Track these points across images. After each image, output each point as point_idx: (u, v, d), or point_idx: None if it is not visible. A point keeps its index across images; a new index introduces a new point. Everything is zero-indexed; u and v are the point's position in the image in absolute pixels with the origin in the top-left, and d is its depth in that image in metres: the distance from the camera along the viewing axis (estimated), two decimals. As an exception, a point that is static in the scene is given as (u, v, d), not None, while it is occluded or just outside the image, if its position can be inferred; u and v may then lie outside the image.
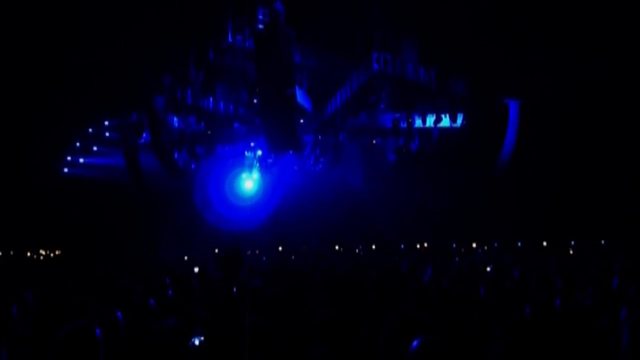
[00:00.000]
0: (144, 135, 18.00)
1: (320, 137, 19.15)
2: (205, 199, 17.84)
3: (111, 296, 5.00)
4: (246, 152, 18.37)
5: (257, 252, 18.41)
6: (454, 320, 4.16)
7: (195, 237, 17.91)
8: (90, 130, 19.59)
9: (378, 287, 5.52)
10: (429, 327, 2.75)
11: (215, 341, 3.71)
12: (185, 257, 15.59)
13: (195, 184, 18.37)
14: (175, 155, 18.53)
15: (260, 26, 16.58)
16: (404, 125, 17.75)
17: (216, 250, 14.83)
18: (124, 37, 15.46)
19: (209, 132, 19.08)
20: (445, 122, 17.18)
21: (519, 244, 17.73)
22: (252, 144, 18.46)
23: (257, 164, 18.20)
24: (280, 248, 19.28)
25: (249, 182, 17.88)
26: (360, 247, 19.79)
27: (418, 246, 19.17)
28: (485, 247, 18.06)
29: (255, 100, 18.08)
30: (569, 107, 15.32)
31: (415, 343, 2.32)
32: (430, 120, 17.34)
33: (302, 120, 17.77)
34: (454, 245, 18.40)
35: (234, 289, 6.03)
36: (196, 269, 8.84)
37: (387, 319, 2.79)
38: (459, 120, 17.06)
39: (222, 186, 18.16)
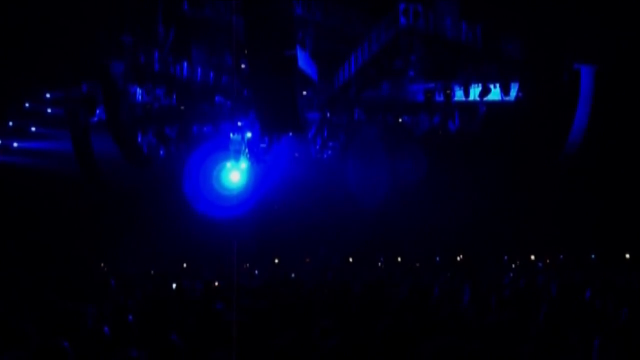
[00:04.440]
0: (98, 111, 18.09)
1: (329, 114, 19.17)
2: (177, 194, 17.94)
3: (56, 322, 5.08)
4: (232, 135, 18.42)
5: (246, 265, 18.51)
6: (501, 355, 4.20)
7: (164, 244, 18.03)
8: (27, 105, 19.71)
9: (403, 310, 5.57)
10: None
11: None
12: (152, 272, 15.72)
13: (164, 175, 18.46)
14: (139, 138, 18.62)
15: (250, -33, 16.57)
16: (440, 98, 17.73)
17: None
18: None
19: (182, 108, 19.15)
20: (495, 94, 17.15)
21: (593, 256, 17.70)
22: (239, 124, 18.51)
23: (246, 150, 18.25)
24: (276, 260, 19.38)
25: (236, 174, 17.95)
26: (382, 259, 19.86)
27: (458, 259, 19.20)
28: (548, 261, 18.07)
29: (243, 66, 18.11)
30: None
31: None
32: (474, 93, 17.32)
33: (305, 92, 17.79)
34: (506, 258, 18.42)
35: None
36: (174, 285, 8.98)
37: (422, 351, 2.84)
38: (513, 93, 17.02)
39: (200, 179, 18.26)
